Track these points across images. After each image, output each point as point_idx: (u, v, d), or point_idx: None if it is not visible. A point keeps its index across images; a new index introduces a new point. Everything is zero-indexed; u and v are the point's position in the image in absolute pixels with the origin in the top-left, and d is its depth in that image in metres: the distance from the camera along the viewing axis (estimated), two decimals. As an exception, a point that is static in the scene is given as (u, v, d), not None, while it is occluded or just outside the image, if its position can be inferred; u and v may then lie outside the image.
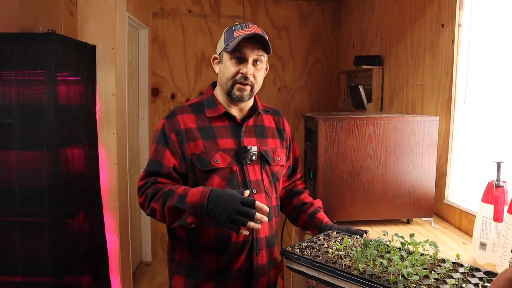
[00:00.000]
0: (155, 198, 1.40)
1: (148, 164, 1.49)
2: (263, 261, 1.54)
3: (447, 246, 1.59)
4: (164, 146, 1.47)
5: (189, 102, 1.58)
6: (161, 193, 1.39)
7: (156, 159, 1.47)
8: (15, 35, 2.02)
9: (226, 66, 1.48)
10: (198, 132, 1.48)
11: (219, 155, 1.47)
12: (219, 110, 1.52)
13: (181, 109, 1.53)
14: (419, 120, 1.79)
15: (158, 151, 1.47)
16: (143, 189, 1.45)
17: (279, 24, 4.06)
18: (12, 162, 2.00)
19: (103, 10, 2.65)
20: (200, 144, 1.47)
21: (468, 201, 1.81)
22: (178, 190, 1.37)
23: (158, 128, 1.51)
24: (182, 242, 1.53)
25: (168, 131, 1.48)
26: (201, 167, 1.45)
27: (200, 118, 1.51)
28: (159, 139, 1.49)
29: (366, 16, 3.26)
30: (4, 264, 2.00)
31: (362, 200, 1.79)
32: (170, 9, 3.97)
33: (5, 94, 1.98)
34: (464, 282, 1.14)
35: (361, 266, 1.20)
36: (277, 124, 1.65)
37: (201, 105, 1.54)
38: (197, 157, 1.45)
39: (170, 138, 1.47)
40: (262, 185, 1.53)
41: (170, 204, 1.35)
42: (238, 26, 1.48)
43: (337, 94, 4.16)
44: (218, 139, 1.49)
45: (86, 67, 2.43)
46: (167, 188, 1.40)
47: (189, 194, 1.34)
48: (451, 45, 1.92)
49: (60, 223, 2.05)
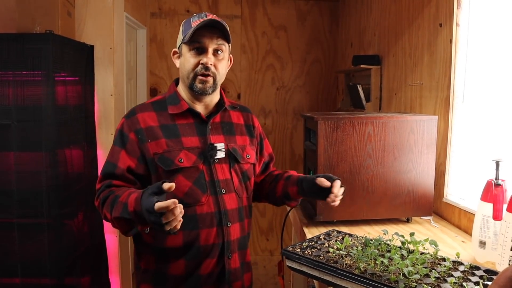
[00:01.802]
0: (106, 204, 1.33)
1: (104, 166, 1.43)
2: (236, 265, 1.47)
3: (447, 245, 1.60)
4: (120, 146, 1.41)
5: (151, 100, 1.51)
6: (109, 200, 1.32)
7: (111, 160, 1.41)
8: (13, 35, 2.01)
9: (185, 58, 1.42)
10: (160, 130, 1.41)
11: (184, 154, 1.39)
12: (182, 106, 1.45)
13: (142, 107, 1.46)
14: (418, 119, 1.79)
15: (114, 152, 1.41)
16: (98, 192, 1.40)
17: (277, 23, 4.06)
18: (11, 163, 1.99)
19: (100, 10, 2.64)
20: (162, 143, 1.39)
21: (467, 199, 1.81)
22: (122, 198, 1.27)
23: (117, 128, 1.45)
24: (148, 247, 1.44)
25: (127, 130, 1.41)
26: (164, 167, 1.37)
27: (162, 116, 1.44)
28: (117, 139, 1.43)
29: (364, 15, 3.26)
30: (3, 266, 2.00)
31: (362, 199, 1.79)
32: (168, 9, 3.96)
33: (3, 95, 1.97)
34: (464, 281, 1.14)
35: (362, 266, 1.20)
36: (246, 120, 1.60)
37: (164, 102, 1.47)
38: (160, 156, 1.38)
39: (128, 137, 1.40)
40: (231, 184, 1.46)
41: (116, 214, 1.27)
42: (196, 16, 1.43)
43: (335, 93, 4.17)
44: (182, 137, 1.41)
45: (84, 68, 2.42)
46: (115, 194, 1.32)
47: (129, 202, 1.23)
48: (449, 45, 1.92)
49: (59, 224, 2.04)
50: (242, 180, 1.50)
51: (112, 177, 1.39)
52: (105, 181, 1.39)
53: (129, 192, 1.28)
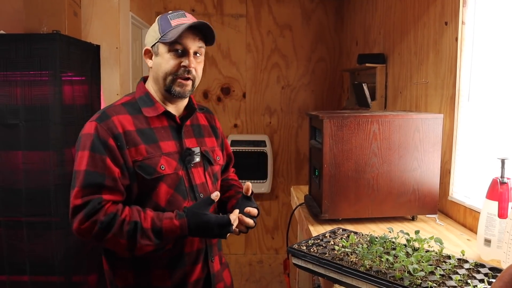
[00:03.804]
0: (115, 230, 1.21)
1: (85, 177, 1.22)
2: (218, 267, 1.46)
3: (452, 243, 1.60)
4: (101, 153, 1.24)
5: (120, 101, 1.37)
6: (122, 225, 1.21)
7: (94, 169, 1.23)
8: (20, 36, 2.03)
9: (164, 59, 1.32)
10: (137, 135, 1.29)
11: (164, 160, 1.31)
12: (157, 109, 1.35)
13: (115, 110, 1.32)
14: (423, 117, 1.80)
15: (95, 160, 1.24)
16: (86, 211, 1.20)
17: (282, 22, 4.07)
18: (19, 162, 2.01)
19: (106, 10, 2.66)
20: (142, 149, 1.28)
21: (473, 198, 1.81)
22: (146, 224, 1.22)
23: (88, 133, 1.27)
24: (125, 261, 1.34)
25: (104, 135, 1.25)
26: (146, 176, 1.28)
27: (138, 119, 1.32)
28: (94, 145, 1.24)
29: (369, 14, 3.26)
30: (12, 264, 2.02)
31: (367, 197, 1.79)
32: (173, 8, 3.97)
33: (10, 95, 1.99)
34: (469, 278, 1.15)
35: (367, 263, 1.21)
36: (210, 121, 1.54)
37: (135, 104, 1.35)
38: (140, 164, 1.28)
39: (107, 143, 1.25)
40: (207, 187, 1.41)
41: (147, 243, 1.23)
42: (173, 14, 1.35)
43: (340, 92, 4.17)
44: (160, 142, 1.33)
45: (91, 67, 2.44)
46: (128, 218, 1.23)
47: (164, 231, 1.24)
48: (454, 43, 1.92)
49: (66, 222, 2.05)
50: (214, 183, 1.47)
51: (100, 189, 1.23)
52: (92, 196, 1.22)
53: (151, 219, 1.24)
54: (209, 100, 4.10)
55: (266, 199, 4.21)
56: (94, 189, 1.23)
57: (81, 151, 1.26)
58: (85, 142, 1.27)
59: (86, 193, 1.22)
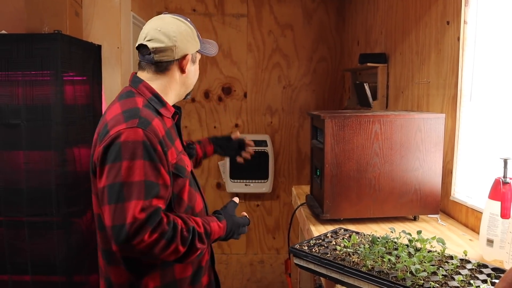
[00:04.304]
0: (178, 240, 1.20)
1: (145, 188, 1.17)
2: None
3: (454, 243, 1.60)
4: (155, 161, 1.21)
5: (140, 104, 1.29)
6: (182, 233, 1.22)
7: (152, 179, 1.19)
8: (21, 36, 2.03)
9: (197, 69, 1.42)
10: (167, 137, 1.29)
11: (185, 158, 1.37)
12: (170, 109, 1.37)
13: (148, 113, 1.27)
14: (425, 117, 1.79)
15: (152, 169, 1.20)
16: (152, 225, 1.15)
17: (284, 22, 4.07)
18: (20, 162, 2.01)
19: (108, 9, 2.66)
20: (173, 151, 1.31)
21: (475, 198, 1.81)
22: (200, 229, 1.27)
23: (135, 140, 1.19)
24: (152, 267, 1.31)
25: (154, 142, 1.21)
26: (182, 175, 1.31)
27: (162, 121, 1.31)
28: (147, 153, 1.19)
29: (371, 13, 3.26)
30: (14, 263, 2.02)
31: (369, 197, 1.79)
32: (175, 8, 3.98)
33: (12, 94, 1.99)
34: (472, 279, 1.14)
35: (369, 263, 1.21)
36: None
37: (151, 106, 1.32)
38: (175, 166, 1.29)
39: (158, 150, 1.22)
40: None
41: (202, 247, 1.28)
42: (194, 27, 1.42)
43: (342, 92, 4.16)
44: (175, 142, 1.36)
45: (92, 67, 2.44)
46: (184, 225, 1.24)
47: (213, 234, 1.32)
48: (456, 42, 1.92)
49: (68, 222, 2.06)
50: None
51: (159, 199, 1.21)
52: (153, 208, 1.17)
53: (202, 222, 1.30)
54: (210, 100, 4.10)
55: (267, 199, 4.21)
56: (154, 200, 1.18)
57: (127, 160, 1.17)
58: (134, 151, 1.18)
59: (147, 205, 1.16)
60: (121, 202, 1.14)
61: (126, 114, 1.24)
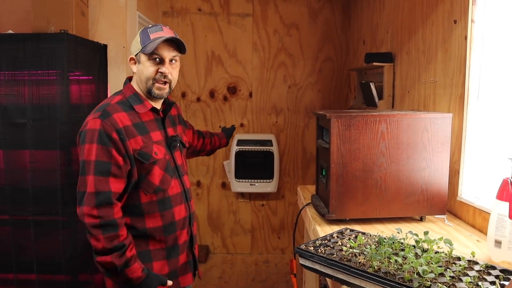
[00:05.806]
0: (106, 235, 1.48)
1: (96, 165, 1.48)
2: (195, 231, 1.81)
3: (461, 244, 1.58)
4: (108, 145, 1.49)
5: (113, 101, 1.62)
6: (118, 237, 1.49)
7: (104, 159, 1.48)
8: (28, 35, 2.04)
9: (144, 67, 1.60)
10: (134, 128, 1.57)
11: (156, 147, 1.61)
12: (146, 106, 1.64)
13: (112, 108, 1.57)
14: (432, 117, 1.78)
15: (104, 151, 1.49)
16: (97, 202, 1.47)
17: (289, 21, 4.06)
18: (26, 161, 2.02)
19: (114, 9, 2.66)
20: (139, 139, 1.57)
21: (482, 198, 1.79)
22: (129, 253, 1.51)
23: (93, 128, 1.51)
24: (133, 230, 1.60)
25: (109, 130, 1.50)
26: (144, 161, 1.56)
27: (131, 115, 1.60)
28: (101, 139, 1.49)
29: (377, 12, 3.24)
30: (19, 262, 2.03)
31: (375, 197, 1.78)
32: (180, 8, 3.98)
33: (18, 94, 2.00)
34: (480, 280, 1.13)
35: (375, 264, 1.20)
36: (177, 111, 1.88)
37: (127, 102, 1.62)
38: (139, 152, 1.56)
39: (112, 137, 1.50)
40: (185, 167, 1.77)
41: (115, 258, 1.49)
42: (153, 28, 1.60)
43: (347, 91, 4.15)
44: (151, 133, 1.62)
45: (98, 67, 2.45)
46: (122, 238, 1.50)
47: (131, 267, 1.51)
48: (464, 41, 1.90)
49: (73, 221, 2.07)
50: (186, 163, 1.81)
51: (108, 176, 1.49)
52: (103, 187, 1.48)
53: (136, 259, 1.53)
54: (215, 99, 4.10)
55: (273, 198, 4.20)
56: (104, 176, 1.48)
57: (88, 144, 1.49)
58: (92, 136, 1.50)
59: (97, 180, 1.46)
60: (83, 175, 1.49)
61: (97, 108, 1.58)
